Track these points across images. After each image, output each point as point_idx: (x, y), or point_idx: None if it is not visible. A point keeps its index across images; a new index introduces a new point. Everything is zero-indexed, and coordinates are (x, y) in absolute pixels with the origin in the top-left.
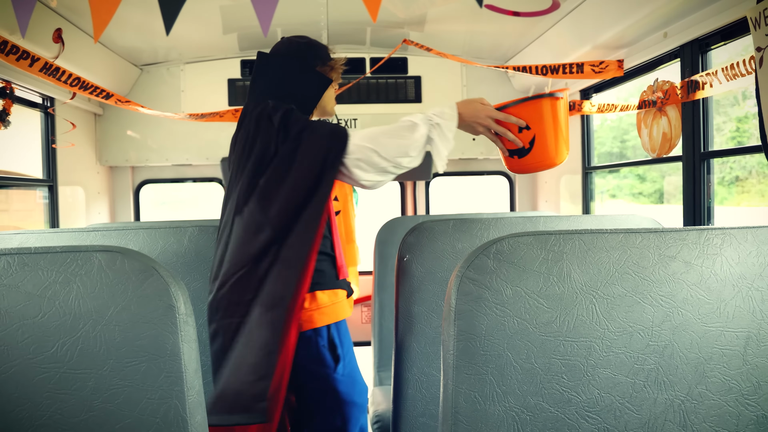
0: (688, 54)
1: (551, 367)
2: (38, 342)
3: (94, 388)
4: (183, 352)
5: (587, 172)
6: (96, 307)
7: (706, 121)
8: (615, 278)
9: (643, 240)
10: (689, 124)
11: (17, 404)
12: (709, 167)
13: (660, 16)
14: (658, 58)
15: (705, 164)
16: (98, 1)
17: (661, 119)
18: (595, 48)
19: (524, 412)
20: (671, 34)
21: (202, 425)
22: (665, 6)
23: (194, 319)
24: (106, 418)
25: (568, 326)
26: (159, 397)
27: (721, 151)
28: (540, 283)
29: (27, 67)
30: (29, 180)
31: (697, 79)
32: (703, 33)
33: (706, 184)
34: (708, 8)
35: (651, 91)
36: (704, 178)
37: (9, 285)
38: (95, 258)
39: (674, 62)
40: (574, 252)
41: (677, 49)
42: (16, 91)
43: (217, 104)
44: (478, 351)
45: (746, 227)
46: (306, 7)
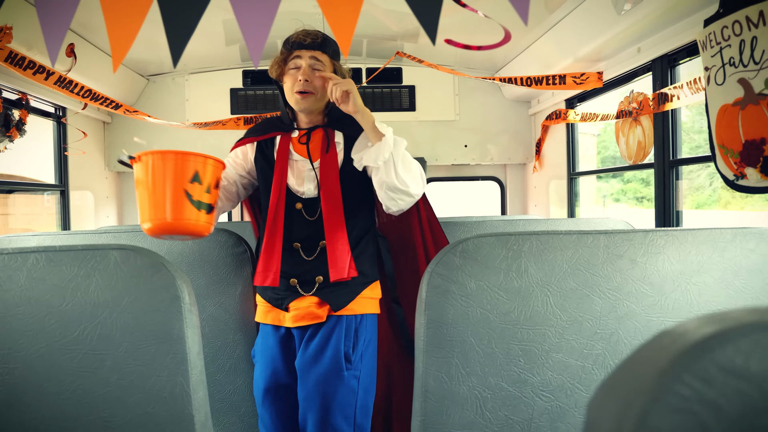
0: (659, 68)
1: (510, 351)
2: (62, 327)
3: (110, 367)
4: (187, 336)
5: (572, 178)
6: (112, 297)
7: (675, 131)
8: (567, 274)
9: (594, 240)
10: (660, 134)
11: (45, 380)
12: (677, 174)
13: (633, 32)
14: (634, 71)
15: (673, 171)
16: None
17: (636, 128)
18: (577, 60)
19: (486, 390)
20: (644, 49)
21: (203, 400)
22: (638, 23)
23: (197, 308)
24: (120, 393)
25: (525, 316)
26: (167, 375)
27: (686, 159)
28: (501, 277)
29: (43, 81)
30: (43, 185)
31: (666, 92)
32: (671, 49)
33: (675, 190)
34: (675, 26)
35: (627, 101)
36: (673, 184)
37: (37, 278)
38: (111, 255)
39: (647, 75)
40: (531, 251)
41: (649, 63)
42: (31, 102)
43: (220, 113)
44: (445, 337)
45: (686, 229)
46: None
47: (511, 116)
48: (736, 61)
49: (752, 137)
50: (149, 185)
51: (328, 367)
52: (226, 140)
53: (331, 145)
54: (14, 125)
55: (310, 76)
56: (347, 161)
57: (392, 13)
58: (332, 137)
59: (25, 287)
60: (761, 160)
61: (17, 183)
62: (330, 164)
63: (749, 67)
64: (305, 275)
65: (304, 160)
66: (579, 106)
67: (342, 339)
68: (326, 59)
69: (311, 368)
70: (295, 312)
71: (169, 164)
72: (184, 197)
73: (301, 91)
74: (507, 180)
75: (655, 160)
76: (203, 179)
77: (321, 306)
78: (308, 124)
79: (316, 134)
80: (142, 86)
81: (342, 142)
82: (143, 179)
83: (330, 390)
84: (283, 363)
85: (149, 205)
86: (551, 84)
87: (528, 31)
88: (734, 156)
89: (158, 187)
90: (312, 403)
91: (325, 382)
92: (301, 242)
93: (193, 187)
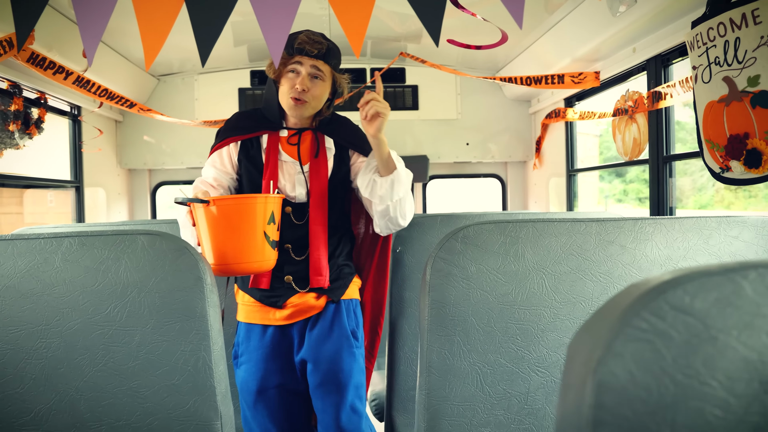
0: (653, 67)
1: (508, 329)
2: (95, 305)
3: (139, 342)
4: (209, 314)
5: (571, 175)
6: (140, 278)
7: (668, 128)
8: (561, 258)
9: (586, 227)
10: (654, 131)
11: (79, 354)
12: (670, 169)
13: (628, 33)
14: (629, 71)
15: (667, 166)
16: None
17: (632, 126)
18: (575, 60)
19: (485, 366)
20: (639, 49)
21: (224, 373)
22: (632, 24)
23: (217, 289)
24: (148, 366)
25: (521, 297)
26: (190, 350)
27: (679, 155)
28: (499, 261)
29: (62, 80)
30: (59, 181)
31: (660, 90)
32: (664, 49)
33: (668, 184)
34: (668, 27)
35: (623, 100)
36: (666, 179)
37: (71, 260)
38: (139, 239)
39: (642, 74)
40: (528, 237)
41: (644, 63)
42: (49, 101)
43: (228, 111)
44: (448, 317)
45: (673, 217)
46: (310, 21)
47: (512, 115)
48: (721, 60)
49: (736, 132)
50: (227, 230)
51: (338, 345)
52: None
53: (321, 150)
54: (33, 123)
55: (308, 85)
56: (336, 168)
57: (396, 15)
58: (323, 142)
59: (60, 269)
60: (744, 154)
61: (34, 179)
62: (320, 170)
63: (733, 65)
64: (299, 273)
65: (294, 162)
66: (577, 105)
67: (345, 319)
68: (327, 69)
69: (321, 349)
70: (293, 308)
71: (248, 210)
72: (264, 240)
73: (296, 98)
74: (508, 177)
75: (649, 156)
76: (276, 218)
77: (319, 298)
78: (297, 125)
79: (305, 136)
80: (153, 86)
81: (333, 147)
82: (218, 224)
83: (345, 367)
84: (274, 363)
85: (228, 250)
86: (550, 83)
87: (528, 33)
88: (720, 150)
89: (238, 232)
90: (328, 385)
91: (340, 359)
92: (291, 243)
93: (269, 228)
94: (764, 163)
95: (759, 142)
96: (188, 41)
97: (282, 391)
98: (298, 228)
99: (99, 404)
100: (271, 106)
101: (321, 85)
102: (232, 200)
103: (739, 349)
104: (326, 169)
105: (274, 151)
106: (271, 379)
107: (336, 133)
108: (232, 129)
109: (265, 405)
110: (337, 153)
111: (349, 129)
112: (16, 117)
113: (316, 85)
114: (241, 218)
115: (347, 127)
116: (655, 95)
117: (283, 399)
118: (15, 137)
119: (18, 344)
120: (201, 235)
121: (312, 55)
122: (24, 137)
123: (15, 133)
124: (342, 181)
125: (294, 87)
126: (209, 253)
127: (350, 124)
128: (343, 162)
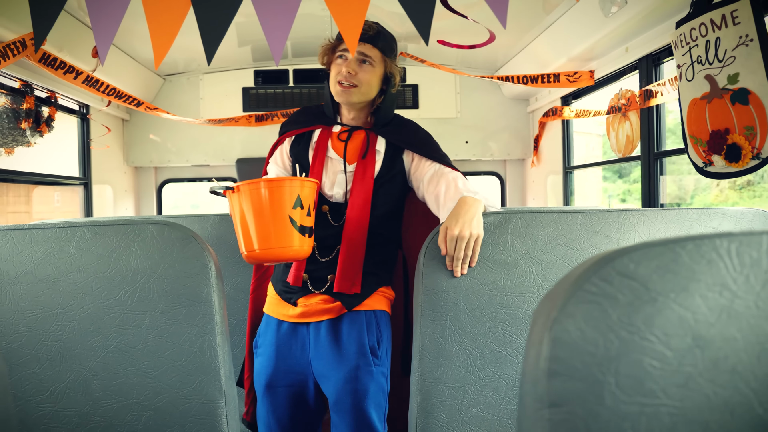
0: (644, 66)
1: (497, 315)
2: (107, 290)
3: (149, 325)
4: (214, 299)
5: (567, 172)
6: (150, 265)
7: (659, 125)
8: (548, 247)
9: (573, 218)
10: (645, 128)
11: (92, 336)
12: (661, 166)
13: (621, 33)
14: (622, 70)
15: (658, 163)
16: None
17: (625, 123)
18: (570, 60)
19: (475, 349)
20: (631, 48)
21: (228, 355)
22: (624, 24)
23: (222, 276)
24: (157, 347)
25: (510, 284)
26: (197, 333)
27: (669, 151)
28: (489, 250)
29: (72, 80)
30: (68, 178)
31: (651, 89)
32: (655, 49)
33: (659, 180)
34: (658, 27)
35: (617, 98)
36: (657, 175)
37: (85, 248)
38: (149, 228)
39: (634, 73)
40: (516, 227)
41: (636, 62)
42: (59, 99)
43: (232, 110)
44: (440, 302)
45: (656, 209)
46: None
47: (511, 113)
48: (703, 59)
49: (717, 127)
50: (252, 215)
51: (356, 363)
52: (237, 136)
53: (370, 151)
54: (44, 121)
55: (355, 68)
56: (384, 171)
57: (396, 16)
58: (373, 143)
59: (75, 256)
60: (725, 148)
61: (43, 175)
62: (365, 172)
63: (714, 64)
64: (317, 273)
65: (340, 159)
66: (574, 104)
67: (365, 333)
68: (377, 55)
69: (336, 365)
70: (303, 308)
71: (272, 193)
72: (289, 224)
73: (342, 82)
74: (507, 175)
75: (641, 153)
76: (304, 203)
77: (331, 303)
78: (351, 121)
79: (357, 135)
80: (159, 85)
81: (383, 150)
82: (244, 209)
83: (361, 387)
84: (285, 362)
85: (254, 235)
86: (546, 82)
87: (525, 32)
88: (703, 145)
89: (262, 217)
90: (343, 405)
91: (356, 379)
92: (319, 242)
93: (295, 212)
94: (743, 158)
95: (738, 137)
96: (193, 42)
97: (289, 391)
98: (333, 228)
99: (111, 383)
100: (327, 100)
101: (370, 70)
102: (253, 184)
103: (675, 309)
104: (372, 172)
105: (322, 147)
106: (280, 378)
107: (393, 133)
108: (289, 123)
109: (270, 401)
110: (388, 155)
111: (409, 130)
112: (27, 115)
113: (364, 70)
114: (263, 201)
115: (408, 128)
116: (647, 93)
117: (289, 399)
118: (27, 135)
119: (35, 327)
120: (234, 223)
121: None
122: (35, 135)
123: (27, 131)
124: (390, 185)
125: (341, 71)
126: (239, 240)
127: (412, 125)
128: (394, 165)
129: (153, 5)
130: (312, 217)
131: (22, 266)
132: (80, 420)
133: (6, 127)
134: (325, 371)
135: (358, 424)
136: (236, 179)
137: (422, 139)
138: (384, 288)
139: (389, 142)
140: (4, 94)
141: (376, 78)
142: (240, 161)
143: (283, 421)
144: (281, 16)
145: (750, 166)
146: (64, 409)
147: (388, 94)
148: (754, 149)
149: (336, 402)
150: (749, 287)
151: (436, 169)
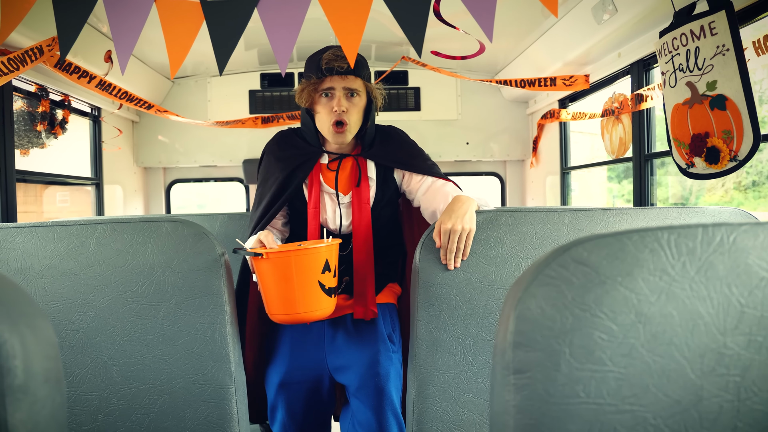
0: (636, 71)
1: (488, 307)
2: (125, 283)
3: (164, 315)
4: (224, 291)
5: (564, 173)
6: (165, 259)
7: (649, 128)
8: (536, 244)
9: (560, 216)
10: (636, 130)
11: (112, 325)
12: (651, 167)
13: (613, 39)
14: (616, 74)
15: (648, 164)
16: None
17: (618, 126)
18: (566, 64)
19: (468, 339)
20: (623, 54)
21: (237, 344)
22: (616, 31)
23: (231, 271)
24: (171, 336)
25: (501, 278)
26: (208, 323)
27: (658, 153)
28: (481, 246)
29: (86, 84)
30: (80, 178)
31: (642, 93)
32: (645, 54)
33: (649, 181)
34: (648, 34)
35: (611, 102)
36: (647, 176)
37: (105, 244)
38: (164, 226)
39: (627, 78)
40: (507, 224)
41: (628, 67)
42: (72, 102)
43: (239, 113)
44: (435, 295)
45: (639, 208)
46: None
47: (510, 116)
48: (684, 66)
49: (698, 131)
50: (281, 283)
51: (378, 348)
52: (243, 137)
53: (363, 179)
54: (58, 124)
55: (346, 104)
56: (380, 196)
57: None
58: (365, 170)
59: (95, 251)
60: (705, 151)
61: (56, 175)
62: (362, 200)
63: (694, 72)
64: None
65: (333, 192)
66: (570, 106)
67: (381, 322)
68: (360, 84)
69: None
70: None
71: (302, 262)
72: (319, 289)
73: (338, 122)
74: (506, 175)
75: (632, 154)
76: (331, 265)
77: (348, 300)
78: (338, 149)
79: (346, 162)
80: (168, 88)
81: (375, 176)
82: (275, 275)
83: (383, 371)
84: (300, 360)
85: (282, 300)
86: (543, 86)
87: (523, 37)
88: (685, 148)
89: (290, 284)
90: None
91: (378, 363)
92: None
93: (324, 277)
94: (722, 160)
95: (717, 140)
96: (201, 46)
97: (304, 387)
98: (341, 258)
99: (129, 369)
100: (310, 131)
101: (358, 101)
102: (283, 255)
103: (621, 291)
104: (368, 198)
105: (315, 182)
106: (295, 374)
107: (380, 154)
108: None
109: (285, 398)
110: (380, 178)
111: (395, 144)
112: (42, 118)
113: (353, 103)
114: (292, 271)
115: (393, 141)
116: (638, 97)
117: (304, 395)
118: (42, 137)
119: (58, 317)
120: (259, 283)
121: (342, 72)
122: (49, 137)
123: (42, 133)
124: (388, 205)
125: (333, 110)
126: (265, 301)
127: (396, 136)
128: (387, 186)
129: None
130: (336, 277)
131: (46, 260)
132: (100, 403)
133: (23, 130)
134: (345, 363)
135: (382, 404)
136: (242, 180)
137: (409, 152)
138: (391, 284)
139: (379, 165)
140: (21, 97)
141: (361, 109)
142: (246, 162)
143: (297, 417)
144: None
145: (728, 168)
146: (86, 393)
147: (371, 118)
148: (732, 152)
149: (359, 387)
150: (685, 272)
151: (429, 184)
